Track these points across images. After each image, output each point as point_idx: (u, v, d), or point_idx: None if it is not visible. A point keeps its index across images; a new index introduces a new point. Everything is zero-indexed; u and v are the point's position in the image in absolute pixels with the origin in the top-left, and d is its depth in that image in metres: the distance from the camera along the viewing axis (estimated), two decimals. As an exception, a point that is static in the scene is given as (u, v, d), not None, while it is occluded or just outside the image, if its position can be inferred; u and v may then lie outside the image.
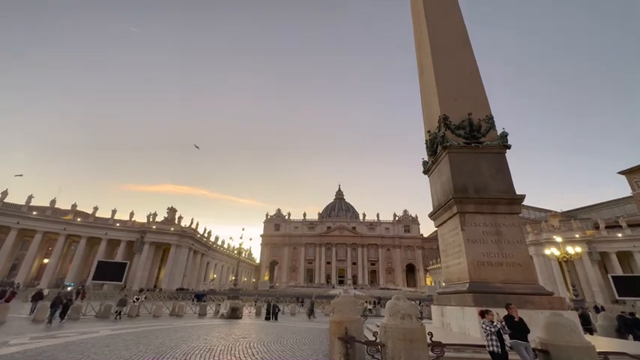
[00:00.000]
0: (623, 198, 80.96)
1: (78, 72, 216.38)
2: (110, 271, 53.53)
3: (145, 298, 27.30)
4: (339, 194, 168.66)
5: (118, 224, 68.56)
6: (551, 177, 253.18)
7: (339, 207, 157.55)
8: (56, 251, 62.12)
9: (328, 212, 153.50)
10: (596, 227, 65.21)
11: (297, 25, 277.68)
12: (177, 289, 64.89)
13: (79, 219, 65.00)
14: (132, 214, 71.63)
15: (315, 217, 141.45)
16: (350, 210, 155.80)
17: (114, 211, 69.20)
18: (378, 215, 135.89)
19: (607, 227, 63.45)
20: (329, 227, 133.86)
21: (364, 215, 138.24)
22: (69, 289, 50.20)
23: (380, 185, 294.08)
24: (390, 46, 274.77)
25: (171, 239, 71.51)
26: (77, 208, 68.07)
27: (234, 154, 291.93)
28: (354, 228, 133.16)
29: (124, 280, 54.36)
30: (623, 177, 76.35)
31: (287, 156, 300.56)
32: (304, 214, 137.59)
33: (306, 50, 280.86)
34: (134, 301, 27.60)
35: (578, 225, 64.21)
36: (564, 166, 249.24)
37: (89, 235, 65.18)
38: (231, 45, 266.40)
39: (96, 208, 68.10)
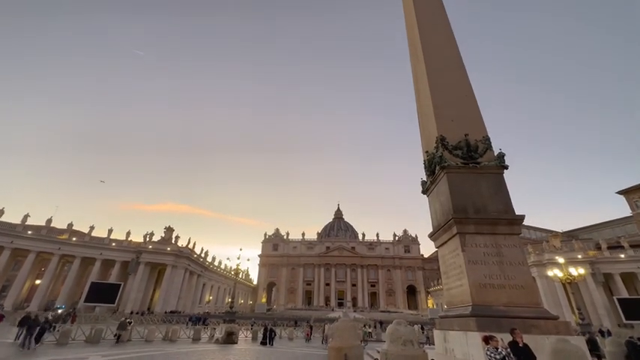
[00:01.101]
0: (623, 218, 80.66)
1: (78, 85, 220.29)
2: (103, 293, 51.96)
3: (130, 323, 26.28)
4: (338, 214, 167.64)
5: (113, 244, 67.51)
6: (549, 196, 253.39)
7: (338, 226, 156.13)
8: (49, 272, 60.67)
9: (327, 232, 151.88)
10: (598, 248, 64.44)
11: (299, 45, 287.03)
12: (170, 312, 62.84)
13: (74, 238, 64.03)
14: (128, 234, 70.70)
15: (314, 236, 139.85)
16: (349, 230, 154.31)
17: (110, 230, 68.39)
18: (377, 235, 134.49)
19: (609, 248, 62.73)
20: (328, 247, 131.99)
21: (363, 235, 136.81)
22: (59, 311, 48.60)
23: (379, 205, 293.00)
24: (387, 76, 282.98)
25: (167, 259, 70.18)
26: (73, 228, 67.24)
27: (235, 172, 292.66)
28: (353, 248, 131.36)
29: (116, 302, 52.73)
30: (622, 197, 76.49)
31: (287, 175, 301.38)
32: (303, 234, 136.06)
33: (306, 68, 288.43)
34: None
35: (579, 245, 63.50)
36: (561, 186, 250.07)
37: (84, 255, 63.97)
38: (232, 63, 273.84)
39: (92, 228, 67.25)
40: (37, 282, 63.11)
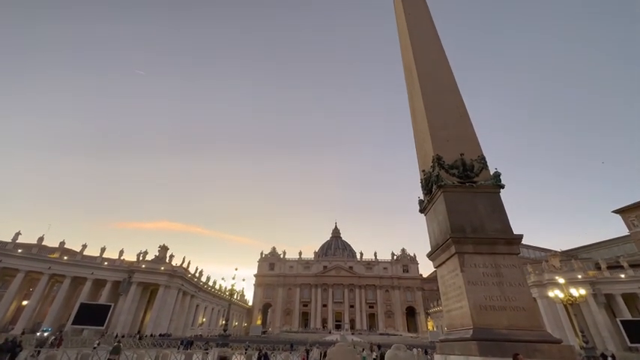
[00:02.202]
0: (621, 237, 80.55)
1: (71, 99, 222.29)
2: (92, 315, 50.13)
3: (120, 343, 25.19)
4: (336, 232, 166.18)
5: (105, 263, 65.94)
6: (545, 215, 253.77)
7: (336, 245, 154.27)
8: (37, 292, 58.71)
9: (324, 251, 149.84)
10: (598, 267, 63.90)
11: (300, 63, 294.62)
12: (159, 335, 60.42)
13: (65, 257, 62.56)
14: (121, 252, 69.25)
15: (312, 255, 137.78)
16: (347, 248, 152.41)
17: (103, 249, 66.99)
18: (375, 254, 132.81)
19: (609, 267, 62.21)
20: (325, 267, 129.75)
21: (361, 254, 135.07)
22: (46, 334, 46.57)
23: (377, 223, 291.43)
24: (384, 89, 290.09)
25: (160, 279, 68.34)
26: (65, 246, 65.85)
27: (232, 190, 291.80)
28: (351, 268, 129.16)
29: (105, 324, 50.80)
30: (618, 215, 76.73)
31: (285, 192, 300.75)
32: (300, 253, 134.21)
33: (305, 84, 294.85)
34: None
35: (579, 265, 62.95)
36: (557, 204, 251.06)
37: (74, 274, 62.24)
38: (233, 81, 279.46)
39: (84, 246, 65.88)
40: (24, 303, 60.92)
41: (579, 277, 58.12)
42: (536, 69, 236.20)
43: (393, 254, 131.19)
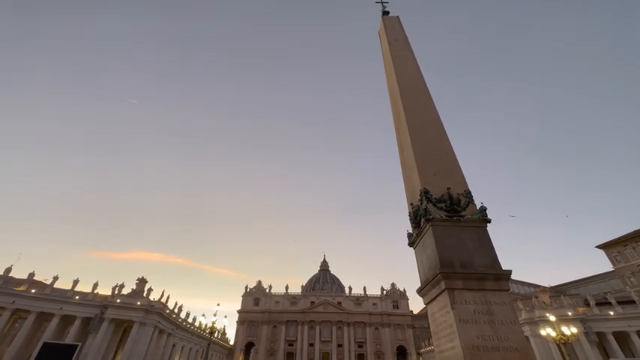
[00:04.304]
0: (607, 272, 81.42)
1: (45, 126, 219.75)
2: (56, 356, 45.35)
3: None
4: (324, 265, 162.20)
5: (77, 297, 61.42)
6: (532, 250, 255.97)
7: (324, 279, 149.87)
8: (-4, 330, 53.55)
9: (312, 285, 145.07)
10: (587, 304, 63.56)
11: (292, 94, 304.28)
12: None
13: (33, 290, 58.08)
14: (95, 285, 65.00)
15: (299, 290, 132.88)
16: (335, 282, 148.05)
17: (76, 282, 62.89)
18: (364, 289, 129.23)
19: (597, 304, 61.93)
20: (313, 302, 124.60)
21: (350, 289, 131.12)
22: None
23: (366, 256, 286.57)
24: (371, 126, 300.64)
25: (135, 315, 63.63)
26: (35, 278, 61.45)
27: (215, 221, 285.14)
28: (339, 303, 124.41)
29: (70, 367, 46.02)
30: (602, 250, 78.10)
31: (271, 225, 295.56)
32: (286, 287, 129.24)
33: (293, 116, 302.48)
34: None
35: (569, 302, 62.52)
36: (542, 239, 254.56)
37: (41, 309, 57.49)
38: (218, 116, 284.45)
39: (55, 278, 61.70)
40: (-21, 343, 55.20)
41: (569, 314, 57.42)
42: (520, 105, 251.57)
43: (382, 289, 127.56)
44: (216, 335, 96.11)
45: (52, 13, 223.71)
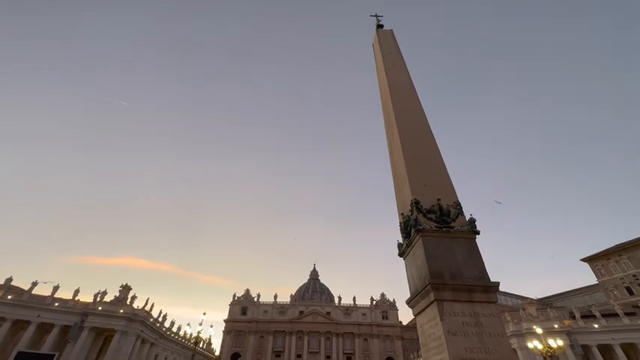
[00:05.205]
0: (592, 285, 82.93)
1: (42, 133, 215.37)
2: (30, 367, 43.56)
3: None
4: (314, 274, 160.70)
5: (56, 304, 59.07)
6: (518, 262, 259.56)
7: (314, 288, 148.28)
8: (-33, 338, 50.90)
9: (302, 294, 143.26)
10: (573, 317, 64.41)
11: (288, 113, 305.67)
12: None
13: (9, 296, 55.66)
14: (76, 292, 62.75)
15: (288, 299, 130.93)
16: (325, 292, 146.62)
17: (56, 288, 60.57)
18: (354, 299, 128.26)
19: (582, 317, 62.82)
20: (301, 312, 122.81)
21: (339, 298, 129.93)
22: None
23: (356, 265, 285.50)
24: (362, 137, 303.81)
25: (117, 324, 61.44)
26: (12, 283, 58.98)
27: (203, 227, 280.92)
28: (328, 313, 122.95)
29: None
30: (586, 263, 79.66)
31: (261, 233, 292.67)
32: (275, 296, 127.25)
33: (286, 124, 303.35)
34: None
35: (555, 314, 63.27)
36: (529, 251, 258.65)
37: (17, 317, 55.03)
38: (217, 131, 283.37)
39: (34, 284, 59.39)
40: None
41: (556, 326, 58.02)
42: (510, 118, 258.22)
43: (372, 299, 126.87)
44: (201, 345, 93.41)
45: (52, 13, 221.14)
